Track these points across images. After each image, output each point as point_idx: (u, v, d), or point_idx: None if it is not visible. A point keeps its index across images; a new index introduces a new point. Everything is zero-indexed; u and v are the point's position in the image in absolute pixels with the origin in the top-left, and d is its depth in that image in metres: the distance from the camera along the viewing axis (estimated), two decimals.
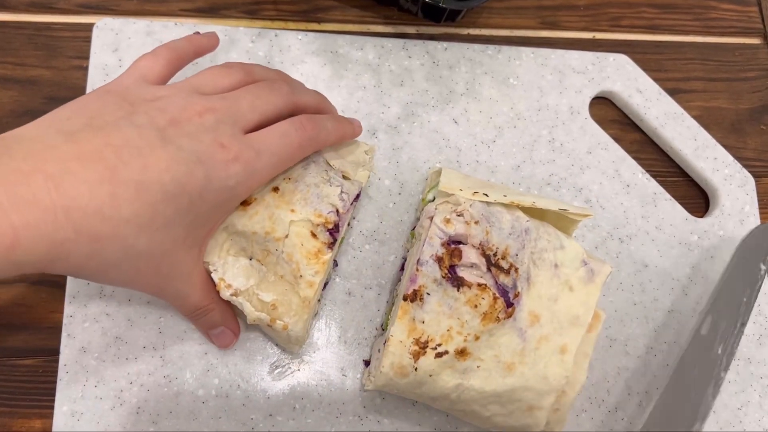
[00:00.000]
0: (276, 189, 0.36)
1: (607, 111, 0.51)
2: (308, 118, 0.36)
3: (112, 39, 0.45)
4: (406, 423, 0.40)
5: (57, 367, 0.38)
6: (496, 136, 0.47)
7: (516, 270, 0.36)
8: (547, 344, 0.35)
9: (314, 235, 0.36)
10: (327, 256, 0.36)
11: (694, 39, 0.54)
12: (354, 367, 0.41)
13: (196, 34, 0.38)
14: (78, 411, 0.38)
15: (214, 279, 0.35)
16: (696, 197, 0.50)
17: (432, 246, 0.36)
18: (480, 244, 0.36)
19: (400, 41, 0.49)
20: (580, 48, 0.51)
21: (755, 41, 0.55)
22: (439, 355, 0.35)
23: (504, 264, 0.36)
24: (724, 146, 0.50)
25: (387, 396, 0.41)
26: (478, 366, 0.35)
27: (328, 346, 0.41)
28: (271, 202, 0.36)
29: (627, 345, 0.44)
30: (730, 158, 0.50)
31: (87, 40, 0.45)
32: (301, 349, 0.41)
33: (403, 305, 0.35)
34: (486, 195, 0.38)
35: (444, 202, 0.38)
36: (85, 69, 0.45)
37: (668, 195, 0.48)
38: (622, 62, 0.51)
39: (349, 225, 0.43)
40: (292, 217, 0.35)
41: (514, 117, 0.48)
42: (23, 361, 0.39)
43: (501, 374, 0.35)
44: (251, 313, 0.35)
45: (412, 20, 0.50)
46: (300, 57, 0.47)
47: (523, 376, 0.35)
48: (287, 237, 0.35)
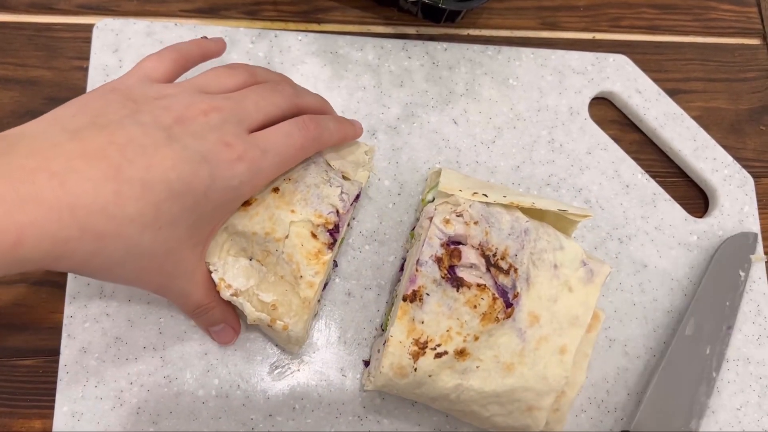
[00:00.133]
0: (276, 189, 0.36)
1: (607, 111, 0.51)
2: (311, 119, 0.36)
3: (113, 40, 0.45)
4: (406, 423, 0.40)
5: (57, 368, 0.39)
6: (496, 137, 0.47)
7: (515, 270, 0.36)
8: (547, 344, 0.35)
9: (314, 236, 0.36)
10: (327, 257, 0.36)
11: (694, 39, 0.54)
12: (353, 368, 0.41)
13: (204, 39, 0.39)
14: (78, 411, 0.38)
15: (215, 279, 0.35)
16: (695, 198, 0.50)
17: (431, 246, 0.36)
18: (479, 245, 0.36)
19: (400, 42, 0.49)
20: (580, 48, 0.51)
21: (755, 42, 0.55)
22: (439, 356, 0.35)
23: (503, 264, 0.36)
24: (724, 147, 0.50)
25: (386, 396, 0.41)
26: (478, 366, 0.35)
27: (328, 347, 0.41)
28: (272, 203, 0.36)
29: (626, 345, 0.44)
30: (730, 159, 0.50)
31: (87, 41, 0.45)
32: (301, 350, 0.41)
33: (403, 306, 0.35)
34: (485, 195, 0.38)
35: (443, 203, 0.38)
36: (86, 70, 0.45)
37: (667, 195, 0.48)
38: (622, 63, 0.51)
39: (349, 225, 0.43)
40: (293, 218, 0.36)
41: (514, 117, 0.48)
42: (23, 362, 0.40)
43: (500, 374, 0.35)
44: (251, 314, 0.35)
45: (412, 21, 0.50)
46: (300, 57, 0.47)
47: (523, 377, 0.35)
48: (287, 237, 0.35)
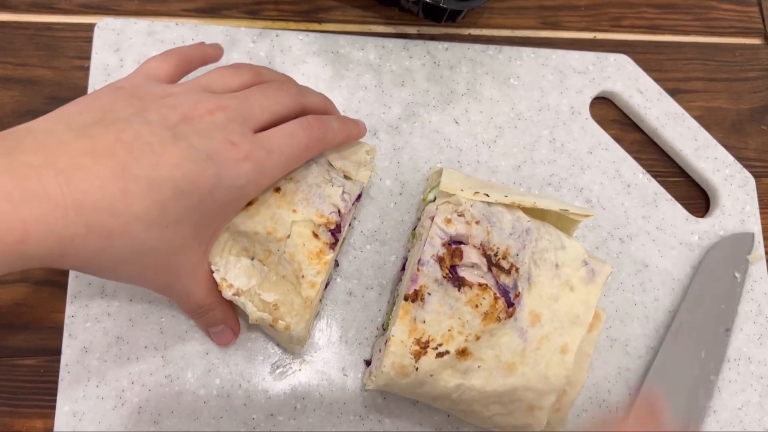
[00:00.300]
0: (278, 189, 0.36)
1: (608, 111, 0.51)
2: (315, 119, 0.36)
3: (114, 39, 0.45)
4: (408, 423, 0.40)
5: (58, 367, 0.38)
6: (497, 137, 0.47)
7: (517, 270, 0.36)
8: (548, 344, 0.35)
9: (316, 236, 0.36)
10: (329, 257, 0.36)
11: (695, 39, 0.54)
12: (355, 367, 0.41)
13: (202, 44, 0.39)
14: (79, 411, 0.38)
15: (216, 279, 0.35)
16: (696, 197, 0.50)
17: (433, 246, 0.36)
18: (481, 244, 0.36)
19: (401, 41, 0.49)
20: (581, 48, 0.51)
21: (756, 41, 0.55)
22: (440, 355, 0.35)
23: (505, 264, 0.36)
24: (725, 146, 0.50)
25: (388, 396, 0.41)
26: (479, 366, 0.35)
27: (329, 346, 0.41)
28: (273, 203, 0.36)
29: (628, 345, 0.44)
30: (731, 158, 0.50)
31: (88, 41, 0.45)
32: (303, 349, 0.41)
33: (404, 305, 0.35)
34: (487, 195, 0.38)
35: (445, 203, 0.38)
36: (87, 69, 0.45)
37: (669, 195, 0.48)
38: (623, 62, 0.51)
39: (350, 225, 0.43)
40: (294, 218, 0.35)
41: (515, 117, 0.48)
42: (25, 361, 0.40)
43: (502, 374, 0.35)
44: (253, 313, 0.35)
45: (413, 20, 0.50)
46: (301, 57, 0.47)
47: (524, 376, 0.35)
48: (289, 237, 0.35)
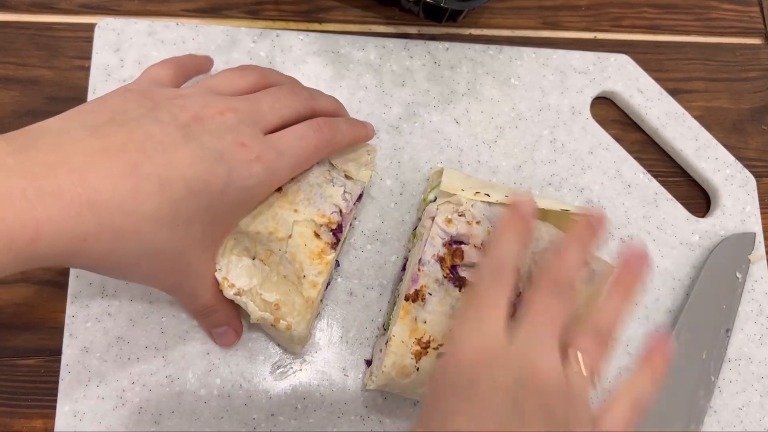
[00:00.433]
0: (279, 189, 0.36)
1: (609, 111, 0.51)
2: (325, 121, 0.36)
3: (114, 39, 0.45)
4: (408, 423, 0.40)
5: (59, 367, 0.38)
6: (498, 137, 0.47)
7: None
8: None
9: (317, 235, 0.36)
10: (330, 256, 0.36)
11: (695, 39, 0.54)
12: (356, 367, 0.41)
13: (192, 55, 0.40)
14: (80, 411, 0.38)
15: (218, 278, 0.35)
16: (697, 197, 0.50)
17: (434, 246, 0.36)
18: (482, 244, 0.36)
19: (402, 41, 0.49)
20: (582, 48, 0.51)
21: (756, 41, 0.55)
22: (441, 356, 0.35)
23: None
24: (726, 146, 0.50)
25: (389, 396, 0.41)
26: None
27: (330, 346, 0.41)
28: (275, 203, 0.36)
29: (628, 345, 0.44)
30: (732, 158, 0.50)
31: (89, 41, 0.45)
32: (303, 350, 0.41)
33: (405, 305, 0.35)
34: (487, 195, 0.38)
35: (446, 202, 0.38)
36: (87, 69, 0.44)
37: (669, 195, 0.48)
38: (623, 62, 0.51)
39: (351, 225, 0.43)
40: (296, 218, 0.35)
41: (516, 117, 0.48)
42: (25, 361, 0.39)
43: None
44: (255, 313, 0.35)
45: (414, 20, 0.50)
46: (301, 57, 0.47)
47: None
48: (290, 237, 0.35)
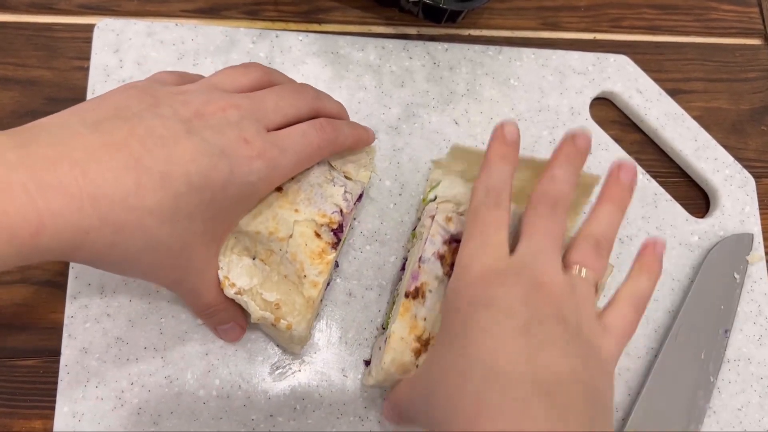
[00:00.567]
0: (280, 189, 0.36)
1: (608, 112, 0.51)
2: (327, 121, 0.36)
3: (113, 40, 0.45)
4: None
5: (58, 368, 0.38)
6: None
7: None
8: None
9: (318, 235, 0.36)
10: (331, 256, 0.36)
11: (695, 40, 0.54)
12: (355, 368, 0.41)
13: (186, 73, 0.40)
14: (79, 411, 0.38)
15: (219, 277, 0.35)
16: (696, 198, 0.50)
17: (434, 243, 0.36)
18: None
19: (401, 42, 0.49)
20: (581, 49, 0.51)
21: (756, 42, 0.55)
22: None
23: None
24: (725, 147, 0.50)
25: None
26: None
27: (329, 347, 0.41)
28: (275, 202, 0.36)
29: (628, 345, 0.44)
30: (731, 159, 0.50)
31: (88, 41, 0.45)
32: (302, 350, 0.41)
33: (405, 302, 0.35)
34: None
35: (445, 201, 0.38)
36: (86, 70, 0.44)
37: (669, 196, 0.48)
38: (623, 63, 0.51)
39: (350, 226, 0.43)
40: (296, 217, 0.36)
41: (515, 118, 0.48)
42: (24, 362, 0.39)
43: None
44: (255, 312, 0.35)
45: (413, 21, 0.50)
46: (301, 58, 0.47)
47: None
48: (291, 237, 0.35)
